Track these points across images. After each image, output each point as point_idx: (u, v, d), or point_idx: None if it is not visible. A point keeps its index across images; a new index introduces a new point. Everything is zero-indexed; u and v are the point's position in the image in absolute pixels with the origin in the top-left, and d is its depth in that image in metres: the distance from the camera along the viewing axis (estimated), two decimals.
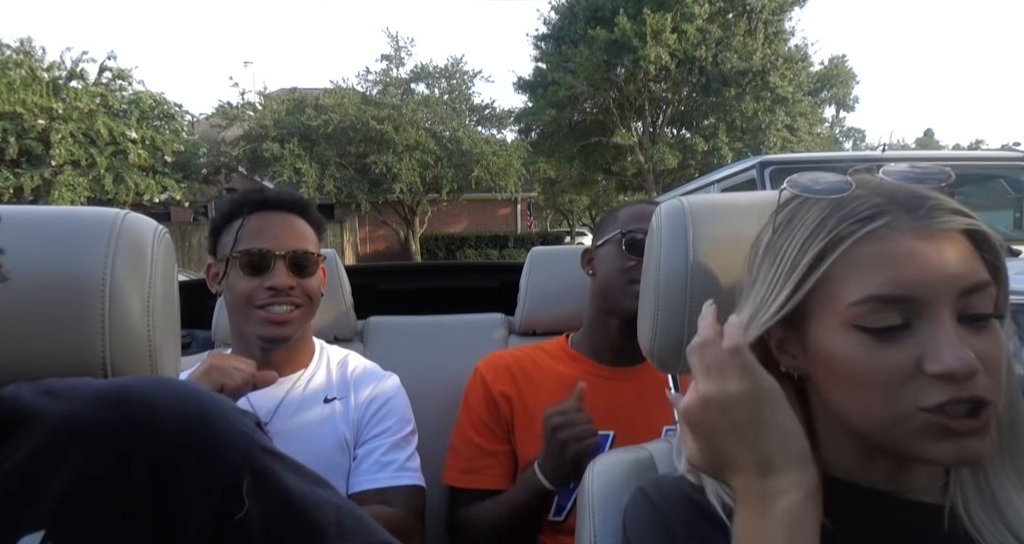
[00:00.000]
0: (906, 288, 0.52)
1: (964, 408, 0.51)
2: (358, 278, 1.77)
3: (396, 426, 1.24)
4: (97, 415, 0.52)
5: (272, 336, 1.17)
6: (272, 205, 1.22)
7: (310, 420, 1.20)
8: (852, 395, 0.55)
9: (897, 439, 0.53)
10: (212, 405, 0.56)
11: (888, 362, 0.52)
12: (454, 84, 17.68)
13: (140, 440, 0.51)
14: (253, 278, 1.16)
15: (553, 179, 23.29)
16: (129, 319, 0.73)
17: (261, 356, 1.22)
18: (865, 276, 0.53)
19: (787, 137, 18.20)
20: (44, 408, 0.52)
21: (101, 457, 0.51)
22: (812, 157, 3.84)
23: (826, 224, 0.55)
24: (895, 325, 0.52)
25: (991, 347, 0.52)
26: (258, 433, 0.57)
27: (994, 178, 3.71)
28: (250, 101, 16.82)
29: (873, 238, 0.53)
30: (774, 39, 18.43)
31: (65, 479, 0.50)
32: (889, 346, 0.52)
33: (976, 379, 0.50)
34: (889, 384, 0.52)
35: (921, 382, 0.51)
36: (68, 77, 13.56)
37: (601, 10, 17.80)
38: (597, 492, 0.74)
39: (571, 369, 1.29)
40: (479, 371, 1.32)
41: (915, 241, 0.53)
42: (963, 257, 0.53)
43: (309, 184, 15.08)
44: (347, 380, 1.27)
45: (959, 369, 0.49)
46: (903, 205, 0.54)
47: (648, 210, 1.29)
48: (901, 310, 0.52)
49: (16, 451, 0.50)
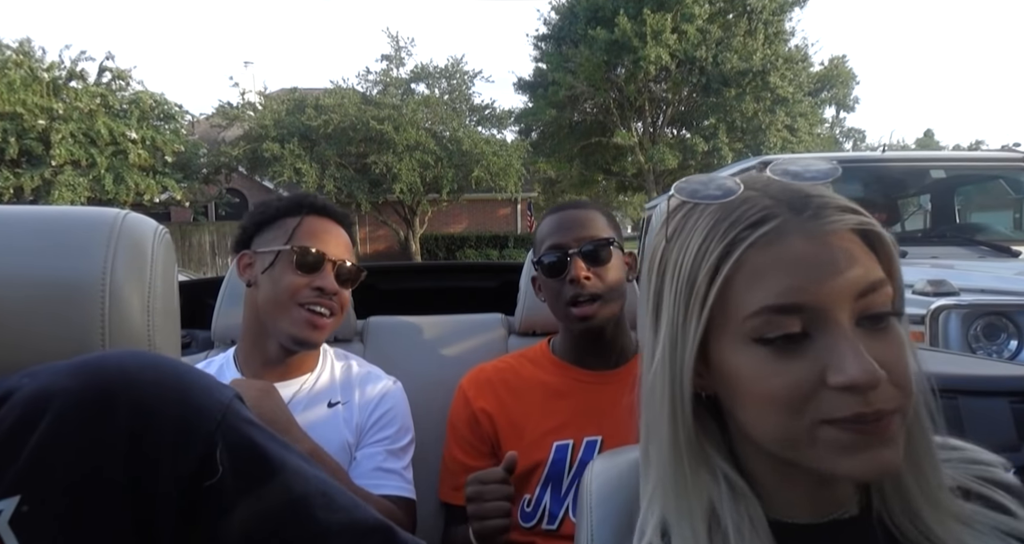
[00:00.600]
0: (800, 296, 0.49)
1: (871, 419, 0.49)
2: None
3: (396, 435, 1.26)
4: (68, 385, 0.52)
5: (307, 339, 1.19)
6: (329, 213, 1.28)
7: (315, 422, 1.21)
8: (757, 412, 0.52)
9: (807, 456, 0.51)
10: (189, 375, 0.55)
11: (791, 376, 0.50)
12: (454, 84, 17.67)
13: (113, 406, 0.51)
14: (304, 275, 1.19)
15: (553, 179, 23.29)
16: (129, 319, 0.73)
17: (278, 356, 1.23)
18: (760, 285, 0.51)
19: (787, 137, 18.21)
20: (22, 385, 0.53)
21: (71, 423, 0.51)
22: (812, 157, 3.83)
23: (717, 230, 0.53)
24: (794, 335, 0.50)
25: (893, 350, 0.50)
26: (236, 403, 0.56)
27: (994, 178, 3.71)
28: (250, 101, 16.80)
29: (764, 244, 0.51)
30: (774, 39, 18.43)
31: (36, 445, 0.50)
32: (791, 359, 0.50)
33: (881, 389, 0.48)
34: (793, 399, 0.50)
35: (825, 395, 0.49)
36: (68, 77, 13.56)
37: (601, 10, 17.80)
38: (596, 492, 0.74)
39: (555, 377, 1.28)
40: (462, 387, 1.32)
41: (806, 244, 0.50)
42: (856, 257, 0.50)
43: (309, 184, 15.07)
44: (351, 384, 1.29)
45: (862, 380, 0.47)
46: (790, 206, 0.52)
47: (564, 218, 1.28)
48: (799, 319, 0.50)
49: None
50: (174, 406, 0.53)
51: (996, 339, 2.09)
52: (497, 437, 1.26)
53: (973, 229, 3.67)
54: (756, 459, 0.58)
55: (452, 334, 1.68)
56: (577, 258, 1.21)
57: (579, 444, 1.20)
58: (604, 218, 1.29)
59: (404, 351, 1.63)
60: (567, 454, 1.20)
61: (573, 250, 1.22)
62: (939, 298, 2.05)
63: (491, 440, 1.27)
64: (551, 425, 1.23)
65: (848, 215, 0.52)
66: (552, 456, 1.21)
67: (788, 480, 0.57)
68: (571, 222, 1.26)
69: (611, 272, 1.24)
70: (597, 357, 1.28)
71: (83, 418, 0.51)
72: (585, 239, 1.23)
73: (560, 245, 1.24)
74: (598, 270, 1.22)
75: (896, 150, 4.76)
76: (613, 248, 1.26)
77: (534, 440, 1.22)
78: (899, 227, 3.82)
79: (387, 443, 1.24)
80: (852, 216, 0.52)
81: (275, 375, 1.24)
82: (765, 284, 0.50)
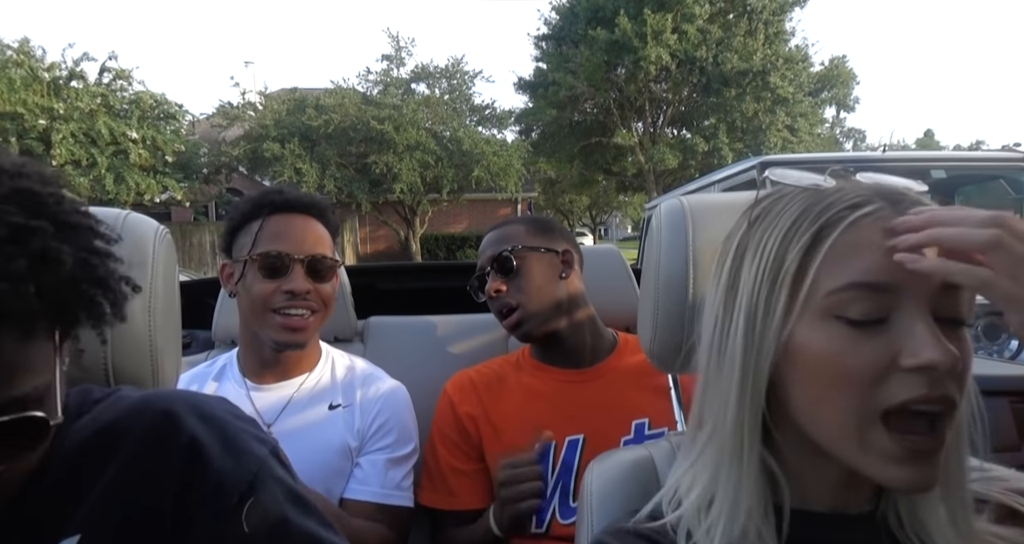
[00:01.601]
0: (888, 275, 0.50)
1: (925, 423, 0.49)
2: (358, 278, 1.77)
3: (398, 443, 1.24)
4: (134, 426, 0.55)
5: (287, 342, 1.17)
6: (292, 207, 1.20)
7: (316, 424, 1.20)
8: (822, 394, 0.53)
9: (852, 453, 0.51)
10: (235, 424, 0.59)
11: (865, 355, 0.50)
12: (454, 84, 17.66)
13: (171, 449, 0.55)
14: (271, 281, 1.15)
15: (553, 179, 23.29)
16: (130, 319, 0.73)
17: (272, 358, 1.22)
18: (846, 264, 0.51)
19: (787, 137, 18.20)
20: (86, 420, 0.57)
21: (137, 464, 0.54)
22: (812, 157, 3.84)
23: (810, 213, 0.54)
24: (875, 316, 0.50)
25: (963, 353, 0.51)
26: (271, 460, 0.60)
27: (994, 178, 3.70)
28: (251, 101, 16.80)
29: (858, 227, 0.52)
30: (774, 39, 18.42)
31: (105, 486, 0.54)
32: (868, 338, 0.50)
33: (949, 379, 0.49)
34: (864, 380, 0.50)
35: (894, 378, 0.50)
36: (69, 77, 13.55)
37: (602, 10, 17.80)
38: (596, 492, 0.74)
39: (537, 379, 1.29)
40: (447, 392, 1.32)
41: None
42: (943, 253, 0.51)
43: (309, 184, 15.06)
44: (354, 386, 1.27)
45: (940, 361, 0.48)
46: (887, 197, 0.53)
47: (485, 239, 1.33)
48: (881, 300, 0.50)
49: (60, 461, 0.54)
50: (220, 456, 0.57)
51: (996, 339, 2.09)
52: (481, 441, 1.26)
53: None
54: (790, 450, 0.58)
55: (452, 334, 1.68)
56: (489, 276, 1.27)
57: (561, 444, 1.21)
58: (525, 227, 1.31)
59: (404, 351, 1.63)
60: (549, 455, 1.20)
61: (487, 269, 1.27)
62: None
63: (477, 444, 1.27)
64: (532, 427, 1.23)
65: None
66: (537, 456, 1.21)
67: (817, 474, 0.58)
68: (488, 241, 1.31)
69: (524, 279, 1.25)
70: (574, 358, 1.28)
71: (146, 460, 0.55)
72: (493, 256, 1.27)
73: (480, 267, 1.30)
74: (511, 281, 1.25)
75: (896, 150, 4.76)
76: (526, 254, 1.26)
77: (516, 443, 1.22)
78: None
79: (388, 451, 1.22)
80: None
81: (274, 375, 1.23)
82: (855, 261, 0.51)
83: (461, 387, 1.31)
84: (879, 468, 0.51)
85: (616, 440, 1.17)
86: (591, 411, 1.21)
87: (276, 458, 0.61)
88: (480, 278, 1.30)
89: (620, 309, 1.43)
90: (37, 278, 0.46)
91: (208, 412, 0.59)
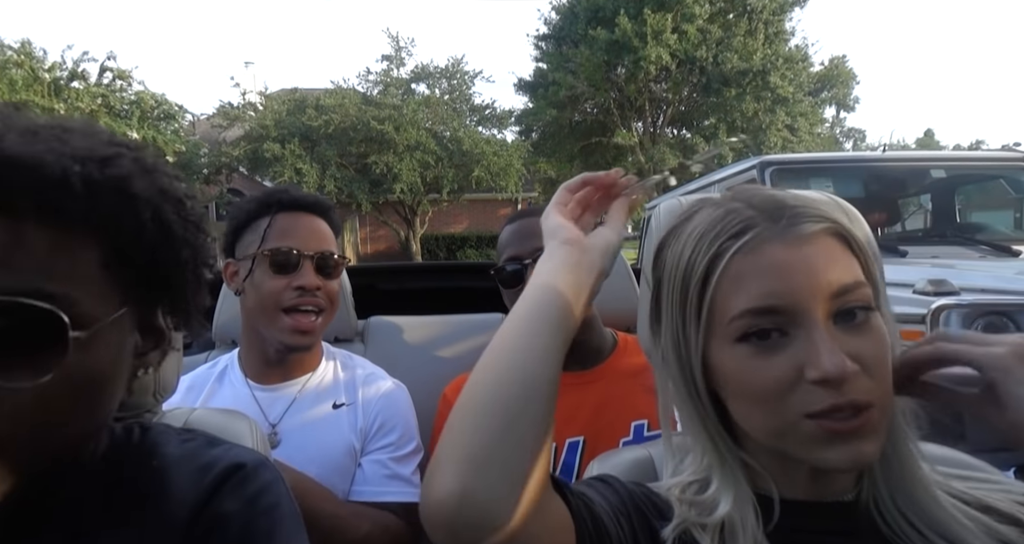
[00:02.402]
0: (777, 298, 0.54)
1: (848, 412, 0.52)
2: (359, 278, 1.77)
3: (402, 440, 1.24)
4: (191, 490, 0.57)
5: (296, 344, 1.18)
6: (299, 206, 1.22)
7: (320, 424, 1.20)
8: (746, 408, 0.57)
9: (792, 447, 0.55)
10: (280, 521, 0.59)
11: (772, 372, 0.54)
12: (455, 84, 17.65)
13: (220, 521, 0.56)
14: (281, 277, 1.16)
15: (554, 179, 23.23)
16: None
17: (276, 358, 1.22)
18: (741, 291, 0.55)
19: (787, 137, 18.21)
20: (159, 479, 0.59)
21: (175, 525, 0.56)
22: (812, 157, 3.84)
23: (703, 242, 0.58)
24: (772, 334, 0.54)
25: (870, 345, 0.54)
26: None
27: (994, 178, 3.70)
28: (251, 101, 16.80)
29: (746, 252, 0.55)
30: (774, 39, 18.43)
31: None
32: (771, 356, 0.54)
33: (855, 382, 0.52)
34: (775, 393, 0.54)
35: (804, 389, 0.53)
36: (69, 78, 13.57)
37: (602, 10, 17.80)
38: None
39: None
40: (446, 396, 1.32)
41: (783, 250, 0.54)
42: (831, 260, 0.54)
43: (310, 184, 15.06)
44: (356, 386, 1.27)
45: (832, 373, 0.51)
46: (768, 215, 0.56)
47: (521, 227, 1.27)
48: (777, 320, 0.54)
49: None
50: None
51: None
52: None
53: (973, 229, 3.66)
54: (757, 449, 0.61)
55: (452, 334, 1.68)
56: (532, 268, 1.21)
57: (561, 446, 1.21)
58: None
59: (404, 351, 1.63)
60: (550, 457, 1.20)
61: (528, 261, 1.23)
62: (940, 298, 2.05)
63: None
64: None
65: (823, 221, 0.55)
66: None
67: (786, 468, 0.61)
68: (526, 231, 1.26)
69: None
70: (574, 359, 1.27)
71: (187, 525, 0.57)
72: (540, 248, 1.23)
73: (517, 256, 1.24)
74: None
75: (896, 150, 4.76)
76: None
77: None
78: (899, 227, 3.82)
79: (391, 450, 1.22)
80: (826, 222, 0.56)
81: (277, 375, 1.24)
82: (745, 289, 0.55)
83: (460, 390, 1.30)
84: (810, 452, 0.54)
85: (616, 442, 1.17)
86: (591, 413, 1.21)
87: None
88: (517, 267, 1.25)
89: (620, 309, 1.43)
90: (106, 199, 0.50)
91: (264, 500, 0.60)
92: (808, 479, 0.60)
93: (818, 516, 0.60)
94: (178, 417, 0.81)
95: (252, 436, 0.80)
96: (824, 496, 0.60)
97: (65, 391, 0.48)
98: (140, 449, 0.60)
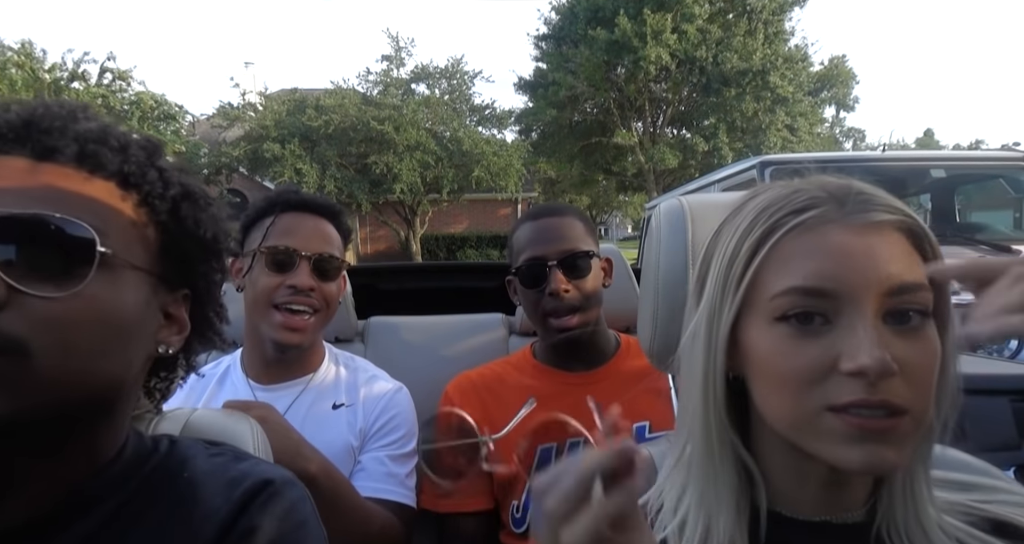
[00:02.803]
0: (829, 281, 0.51)
1: (880, 412, 0.49)
2: (359, 278, 1.78)
3: (401, 441, 1.24)
4: (221, 505, 0.58)
5: (286, 342, 1.18)
6: (306, 207, 1.23)
7: (321, 423, 1.20)
8: (772, 391, 0.54)
9: (806, 441, 0.52)
10: (307, 538, 0.61)
11: (807, 357, 0.51)
12: (454, 84, 17.64)
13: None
14: (276, 275, 1.17)
15: (554, 179, 23.28)
16: None
17: (276, 358, 1.22)
18: (791, 268, 0.52)
19: (787, 137, 18.19)
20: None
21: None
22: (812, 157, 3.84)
23: (762, 216, 0.55)
24: (814, 318, 0.51)
25: (917, 353, 0.50)
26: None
27: (994, 178, 3.70)
28: (251, 102, 16.79)
29: (803, 230, 0.53)
30: (774, 39, 18.41)
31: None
32: (809, 341, 0.51)
33: (892, 384, 0.49)
34: (804, 380, 0.51)
35: (835, 380, 0.50)
36: (70, 78, 13.57)
37: (601, 10, 17.79)
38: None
39: (537, 381, 1.29)
40: (448, 394, 1.32)
41: (845, 234, 0.51)
42: (894, 254, 0.51)
43: (310, 184, 15.06)
44: (358, 387, 1.27)
45: (871, 367, 0.48)
46: (835, 197, 0.53)
47: (543, 227, 1.26)
48: (824, 304, 0.51)
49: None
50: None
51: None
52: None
53: (973, 228, 3.67)
54: (772, 448, 0.59)
55: (452, 334, 1.68)
56: (557, 270, 1.21)
57: (563, 446, 1.21)
58: (582, 224, 1.29)
59: (404, 351, 1.63)
60: (552, 457, 1.20)
61: (552, 262, 1.22)
62: None
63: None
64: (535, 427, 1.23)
65: (895, 212, 0.52)
66: (537, 460, 1.21)
67: (799, 474, 0.58)
68: (550, 232, 1.25)
69: (589, 283, 1.24)
70: (577, 360, 1.28)
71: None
72: (565, 251, 1.23)
73: (539, 256, 1.23)
74: (577, 282, 1.23)
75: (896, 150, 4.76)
76: (593, 257, 1.26)
77: (517, 444, 1.22)
78: None
79: (391, 449, 1.22)
80: (896, 214, 0.52)
81: (278, 375, 1.24)
82: (797, 266, 0.52)
83: (462, 389, 1.30)
84: (831, 450, 0.51)
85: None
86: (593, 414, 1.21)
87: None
88: (540, 268, 1.23)
89: (620, 309, 1.43)
90: (137, 158, 0.59)
91: (294, 517, 0.60)
92: (819, 488, 0.57)
93: (826, 536, 0.57)
94: (179, 418, 0.80)
95: (253, 437, 0.79)
96: (828, 514, 0.58)
97: (92, 316, 0.52)
98: (169, 460, 0.61)
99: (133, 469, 0.59)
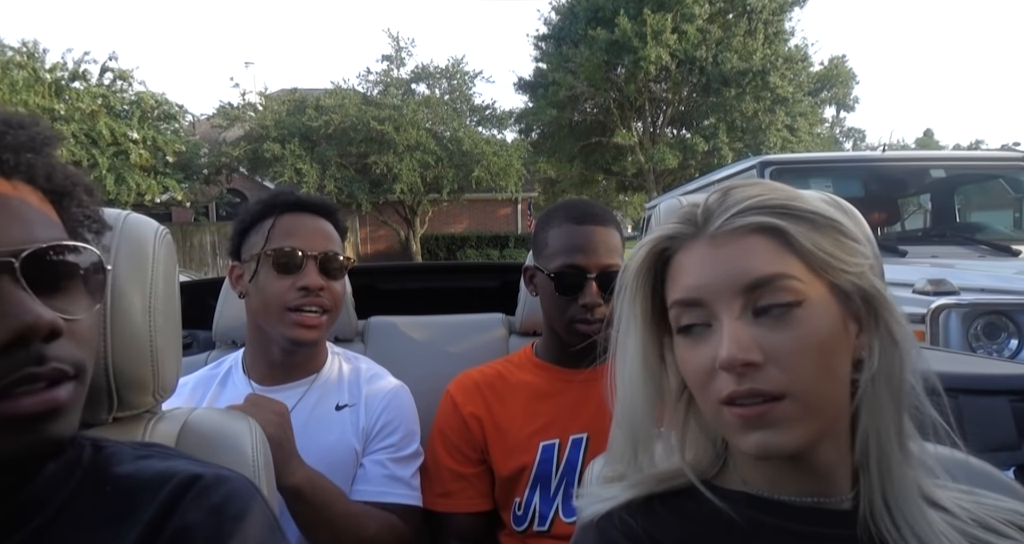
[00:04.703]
0: (694, 291, 0.58)
1: (755, 400, 0.55)
2: (359, 278, 1.78)
3: (403, 442, 1.24)
4: (148, 506, 0.56)
5: (301, 339, 1.17)
6: (304, 207, 1.22)
7: (324, 424, 1.20)
8: (695, 393, 0.61)
9: (723, 433, 0.60)
10: (251, 528, 0.57)
11: (697, 360, 0.58)
12: (455, 84, 17.64)
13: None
14: (285, 277, 1.16)
15: (554, 179, 23.26)
16: (131, 320, 0.73)
17: (281, 357, 1.22)
18: (674, 285, 0.61)
19: (787, 137, 18.20)
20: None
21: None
22: (812, 157, 3.85)
23: (657, 242, 0.63)
24: (697, 325, 0.58)
25: (784, 338, 0.55)
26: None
27: (994, 178, 3.70)
28: (251, 102, 16.78)
29: (681, 250, 0.61)
30: (774, 39, 18.42)
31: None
32: (699, 346, 0.58)
33: (760, 372, 0.54)
34: (702, 381, 0.58)
35: (719, 377, 0.56)
36: (70, 78, 13.55)
37: (601, 10, 17.79)
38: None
39: (539, 378, 1.29)
40: (450, 393, 1.31)
41: (707, 248, 0.59)
42: (749, 255, 0.57)
43: (310, 184, 15.06)
44: (360, 387, 1.27)
45: (726, 361, 0.54)
46: (703, 214, 0.60)
47: (586, 235, 1.21)
48: (700, 312, 0.58)
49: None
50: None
51: (996, 338, 2.09)
52: (485, 442, 1.26)
53: (973, 228, 3.67)
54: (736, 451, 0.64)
55: (453, 334, 1.68)
56: (594, 283, 1.19)
57: (565, 443, 1.21)
58: (619, 235, 1.27)
59: (405, 351, 1.63)
60: (554, 453, 1.20)
61: (592, 275, 1.20)
62: (939, 297, 2.05)
63: (480, 445, 1.26)
64: (536, 426, 1.23)
65: (749, 216, 0.57)
66: (539, 456, 1.21)
67: (755, 469, 0.63)
68: (594, 243, 1.22)
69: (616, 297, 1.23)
70: (580, 358, 1.28)
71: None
72: (605, 266, 1.20)
73: (580, 267, 1.20)
74: (607, 296, 1.22)
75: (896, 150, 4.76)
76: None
77: (520, 442, 1.22)
78: (899, 226, 3.82)
79: (392, 451, 1.22)
80: (755, 216, 0.57)
81: (280, 377, 1.24)
82: (677, 283, 0.60)
83: (464, 388, 1.30)
84: (735, 439, 0.58)
85: None
86: (596, 410, 1.21)
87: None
88: (580, 278, 1.21)
89: None
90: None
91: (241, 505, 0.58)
92: (780, 473, 0.61)
93: (805, 519, 0.60)
94: (177, 417, 0.80)
95: (251, 436, 0.79)
96: (806, 495, 0.61)
97: (97, 321, 0.56)
98: (94, 467, 0.59)
99: (64, 476, 0.57)
